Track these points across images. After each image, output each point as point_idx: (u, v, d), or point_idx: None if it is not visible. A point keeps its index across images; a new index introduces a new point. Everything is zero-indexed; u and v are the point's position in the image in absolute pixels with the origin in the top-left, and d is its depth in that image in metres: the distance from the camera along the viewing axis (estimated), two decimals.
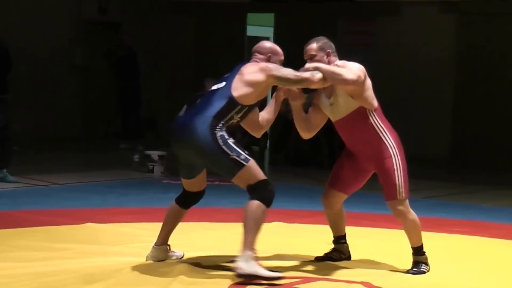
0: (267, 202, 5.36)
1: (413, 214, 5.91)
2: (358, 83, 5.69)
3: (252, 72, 5.57)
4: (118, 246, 6.33)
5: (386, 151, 5.82)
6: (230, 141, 5.38)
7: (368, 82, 5.81)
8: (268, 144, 14.76)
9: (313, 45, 5.89)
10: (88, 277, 5.33)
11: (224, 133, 5.39)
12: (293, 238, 7.04)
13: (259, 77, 5.54)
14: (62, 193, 9.30)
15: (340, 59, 5.95)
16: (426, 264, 5.94)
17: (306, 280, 5.49)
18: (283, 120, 13.47)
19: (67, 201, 8.61)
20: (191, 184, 5.72)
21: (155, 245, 5.86)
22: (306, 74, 5.60)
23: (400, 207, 5.84)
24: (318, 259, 6.17)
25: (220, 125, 5.41)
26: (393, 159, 5.82)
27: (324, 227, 7.38)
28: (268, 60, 5.72)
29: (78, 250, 6.09)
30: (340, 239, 6.24)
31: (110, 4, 16.38)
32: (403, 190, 5.81)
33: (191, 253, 6.06)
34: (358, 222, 7.57)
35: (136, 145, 13.81)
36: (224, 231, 7.13)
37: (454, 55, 14.31)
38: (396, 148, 5.84)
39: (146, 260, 5.81)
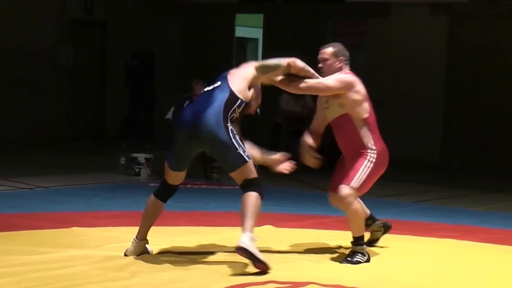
0: (262, 196, 5.69)
1: (356, 205, 5.99)
2: (332, 90, 5.93)
3: (243, 67, 5.93)
4: (104, 250, 6.22)
5: (363, 158, 5.98)
6: (237, 136, 5.65)
7: (355, 95, 5.97)
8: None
9: (328, 50, 6.16)
10: (72, 282, 5.25)
11: (232, 127, 5.64)
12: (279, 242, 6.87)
13: (249, 69, 5.89)
14: (47, 196, 9.17)
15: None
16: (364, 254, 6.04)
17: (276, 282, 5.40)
18: (273, 123, 13.34)
19: (51, 205, 8.48)
20: (177, 177, 5.90)
21: (137, 239, 5.97)
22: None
23: (349, 194, 5.91)
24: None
25: (229, 118, 5.64)
26: (366, 161, 5.97)
27: (313, 232, 7.37)
28: None
29: (62, 255, 5.99)
30: (367, 220, 6.41)
31: (95, 3, 16.21)
32: (359, 182, 5.93)
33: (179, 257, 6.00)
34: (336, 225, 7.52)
35: (144, 143, 14.00)
36: (213, 236, 6.97)
37: (445, 56, 14.28)
38: (375, 159, 6.00)
39: (125, 255, 5.95)
